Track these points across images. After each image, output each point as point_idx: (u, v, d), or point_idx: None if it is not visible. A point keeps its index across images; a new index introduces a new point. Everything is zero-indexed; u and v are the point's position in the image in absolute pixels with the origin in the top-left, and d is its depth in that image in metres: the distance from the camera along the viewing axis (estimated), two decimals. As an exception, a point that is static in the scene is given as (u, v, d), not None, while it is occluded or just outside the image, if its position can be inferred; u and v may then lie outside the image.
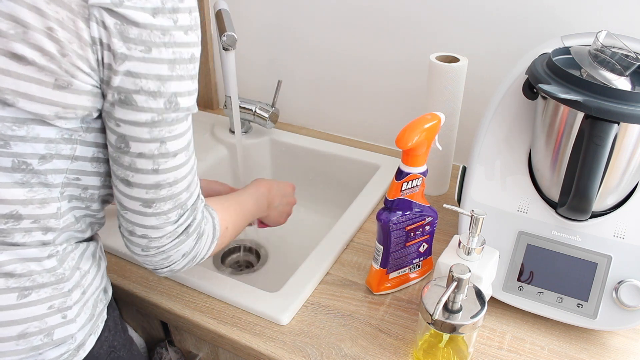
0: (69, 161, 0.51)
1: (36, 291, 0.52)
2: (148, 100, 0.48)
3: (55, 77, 0.45)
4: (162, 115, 0.49)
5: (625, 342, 0.66)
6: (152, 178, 0.52)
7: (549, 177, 0.67)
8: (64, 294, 0.54)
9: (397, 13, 0.97)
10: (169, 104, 0.49)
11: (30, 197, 0.50)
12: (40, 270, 0.52)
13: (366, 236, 0.86)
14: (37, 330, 0.52)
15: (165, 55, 0.48)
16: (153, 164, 0.51)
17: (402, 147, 0.63)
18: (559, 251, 0.67)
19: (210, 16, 1.17)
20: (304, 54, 1.11)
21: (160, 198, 0.53)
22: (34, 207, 0.50)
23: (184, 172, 0.54)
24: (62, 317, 0.54)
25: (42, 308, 0.52)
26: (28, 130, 0.47)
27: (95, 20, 0.45)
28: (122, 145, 0.50)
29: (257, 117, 1.07)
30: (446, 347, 0.62)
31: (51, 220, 0.52)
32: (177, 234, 0.55)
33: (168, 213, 0.54)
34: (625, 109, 0.55)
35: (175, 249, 0.56)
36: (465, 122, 0.99)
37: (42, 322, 0.53)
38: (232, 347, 0.69)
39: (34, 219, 0.51)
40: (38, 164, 0.49)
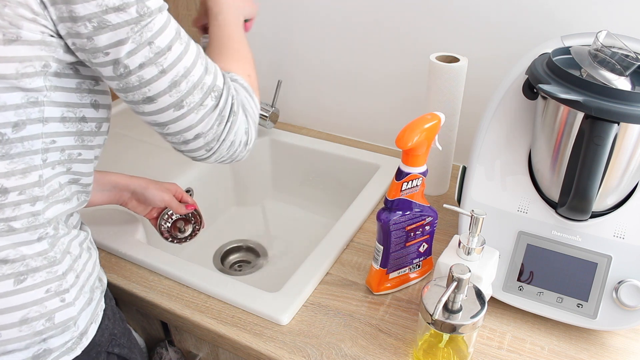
0: (41, 124, 0.50)
1: (31, 275, 0.52)
2: (119, 14, 0.47)
3: (2, 31, 0.44)
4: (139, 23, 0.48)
5: (625, 342, 0.66)
6: (165, 79, 0.51)
7: (549, 177, 0.68)
8: (59, 277, 0.54)
9: (398, 13, 0.97)
10: (140, 10, 0.48)
11: (12, 168, 0.49)
12: (32, 254, 0.52)
13: (366, 236, 0.86)
14: (38, 315, 0.53)
15: None
16: (156, 66, 0.50)
17: (402, 147, 0.63)
18: (559, 251, 0.67)
19: (210, 16, 1.17)
20: (304, 54, 1.11)
21: (186, 92, 0.52)
22: (16, 178, 0.50)
23: (191, 58, 0.53)
24: (61, 301, 0.54)
25: (40, 292, 0.53)
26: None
27: None
28: (122, 69, 0.49)
29: (257, 117, 1.07)
30: (446, 347, 0.62)
31: (35, 188, 0.51)
32: (225, 116, 0.55)
33: (203, 102, 0.53)
34: (625, 109, 0.55)
35: (233, 132, 0.56)
36: (465, 122, 0.99)
37: (42, 307, 0.53)
38: (232, 347, 0.69)
39: (19, 191, 0.50)
40: (12, 132, 0.48)
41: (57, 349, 0.55)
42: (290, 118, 1.22)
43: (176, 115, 0.53)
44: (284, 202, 1.17)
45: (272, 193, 1.19)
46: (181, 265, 0.77)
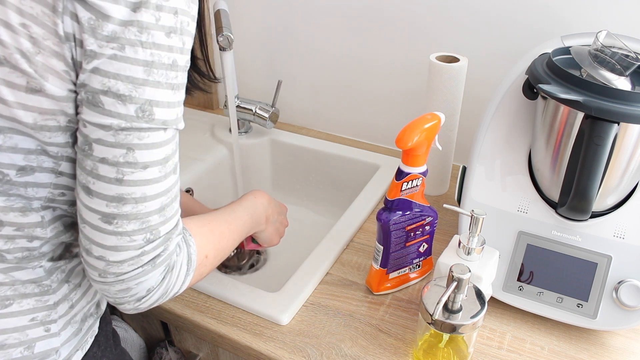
0: (54, 175, 0.48)
1: (18, 302, 0.50)
2: (116, 104, 0.42)
3: (27, 79, 0.42)
4: (131, 123, 0.43)
5: (625, 342, 0.66)
6: (114, 189, 0.45)
7: (549, 177, 0.67)
8: (49, 306, 0.51)
9: (397, 13, 0.97)
10: (141, 112, 0.43)
11: (9, 205, 0.47)
12: (25, 280, 0.50)
13: (366, 236, 0.86)
14: (16, 342, 0.50)
15: (142, 56, 0.42)
16: (117, 172, 0.44)
17: (402, 147, 0.63)
18: (559, 251, 0.67)
19: (210, 16, 1.17)
20: (304, 54, 1.11)
21: (123, 214, 0.45)
22: (15, 214, 0.47)
23: (156, 190, 0.46)
24: (45, 330, 0.52)
25: (24, 320, 0.50)
26: (4, 139, 0.44)
27: (69, 14, 0.41)
28: (86, 147, 0.44)
29: (257, 117, 1.07)
30: (446, 347, 0.62)
31: (37, 229, 0.49)
32: (142, 262, 0.47)
33: (132, 235, 0.46)
34: (625, 109, 0.55)
35: (136, 280, 0.47)
36: (465, 122, 0.99)
37: (23, 334, 0.50)
38: (232, 347, 0.69)
39: (16, 227, 0.48)
40: (16, 176, 0.46)
41: None
42: (290, 118, 1.22)
43: (98, 225, 0.46)
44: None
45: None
46: (181, 265, 0.77)
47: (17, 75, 0.42)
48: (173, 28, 0.44)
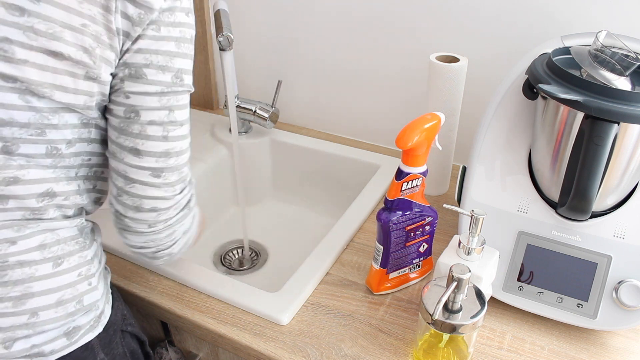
0: (86, 144, 0.55)
1: (67, 259, 0.55)
2: (157, 73, 0.52)
3: (87, 69, 0.49)
4: (170, 87, 0.53)
5: (625, 342, 0.66)
6: (162, 145, 0.54)
7: (549, 177, 0.68)
8: (88, 261, 0.57)
9: (398, 13, 0.97)
10: (175, 78, 0.53)
11: (58, 174, 0.54)
12: (67, 237, 0.55)
13: (366, 236, 0.86)
14: (71, 297, 0.56)
15: (173, 34, 0.52)
16: (163, 130, 0.54)
17: (402, 147, 0.63)
18: (559, 251, 0.67)
19: (210, 16, 1.17)
20: (304, 54, 1.11)
21: (169, 167, 0.56)
22: (63, 184, 0.54)
23: (187, 144, 0.57)
24: (88, 285, 0.57)
25: (73, 275, 0.56)
26: (59, 118, 0.51)
27: (120, 13, 0.49)
28: (132, 114, 0.53)
29: (257, 117, 1.07)
30: (446, 347, 0.62)
31: (77, 196, 0.56)
32: (182, 206, 0.59)
33: (174, 185, 0.57)
34: (625, 109, 0.55)
35: (179, 223, 0.59)
36: (465, 122, 0.99)
37: (74, 289, 0.56)
38: (232, 347, 0.69)
39: (65, 196, 0.55)
40: (65, 149, 0.53)
41: (84, 326, 0.58)
42: (290, 118, 1.22)
43: (149, 181, 0.55)
44: (284, 202, 1.17)
45: (272, 193, 1.19)
46: (181, 265, 0.77)
47: (79, 67, 0.49)
48: (189, 8, 0.54)
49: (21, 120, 0.49)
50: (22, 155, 0.51)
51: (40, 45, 0.47)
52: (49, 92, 0.49)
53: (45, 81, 0.48)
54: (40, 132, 0.51)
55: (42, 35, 0.47)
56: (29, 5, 0.46)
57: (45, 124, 0.51)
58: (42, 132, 0.51)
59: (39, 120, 0.50)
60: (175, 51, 0.53)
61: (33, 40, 0.47)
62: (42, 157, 0.52)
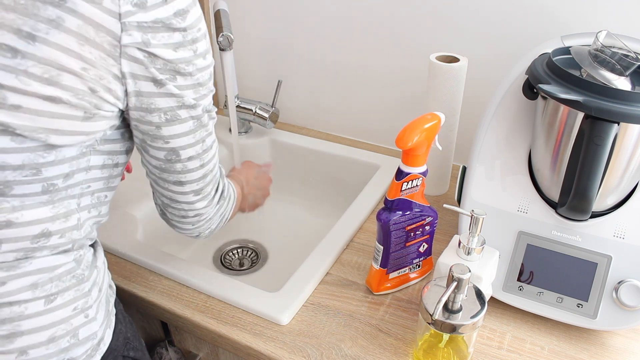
0: (85, 172, 0.53)
1: (61, 295, 0.53)
2: (189, 111, 0.54)
3: (84, 111, 0.48)
4: (200, 120, 0.55)
5: (625, 342, 0.66)
6: (200, 172, 0.59)
7: (549, 177, 0.68)
8: (85, 294, 0.55)
9: (398, 13, 0.97)
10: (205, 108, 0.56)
11: (55, 212, 0.51)
12: (62, 273, 0.53)
13: (366, 236, 0.86)
14: (64, 333, 0.54)
15: (190, 82, 0.52)
16: (200, 160, 0.58)
17: (402, 147, 0.63)
18: (559, 251, 0.67)
19: (210, 16, 1.17)
20: (304, 54, 1.11)
21: (207, 184, 0.61)
22: (60, 221, 0.52)
23: (217, 155, 0.62)
24: (85, 317, 0.56)
25: (67, 311, 0.54)
26: (56, 154, 0.49)
27: (127, 57, 0.47)
28: (174, 156, 0.56)
29: (257, 117, 1.07)
30: (446, 347, 0.62)
31: (74, 232, 0.54)
32: (217, 200, 0.64)
33: (211, 192, 0.63)
34: (625, 109, 0.55)
35: (218, 214, 0.66)
36: (465, 122, 0.99)
37: (68, 324, 0.54)
38: (232, 347, 0.69)
39: (60, 234, 0.52)
40: (62, 182, 0.51)
41: (78, 358, 0.56)
42: (290, 118, 1.22)
43: (192, 199, 0.61)
44: (284, 202, 1.17)
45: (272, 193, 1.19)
46: (181, 265, 0.77)
47: (76, 110, 0.47)
48: (207, 50, 0.54)
49: (14, 163, 0.46)
50: (15, 196, 0.48)
51: (35, 90, 0.44)
52: (44, 137, 0.46)
53: (40, 126, 0.46)
54: (36, 171, 0.48)
55: (37, 80, 0.44)
56: (23, 46, 0.43)
57: (41, 163, 0.48)
58: (38, 172, 0.48)
59: (34, 160, 0.47)
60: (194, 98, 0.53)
61: (27, 85, 0.44)
62: (38, 195, 0.49)
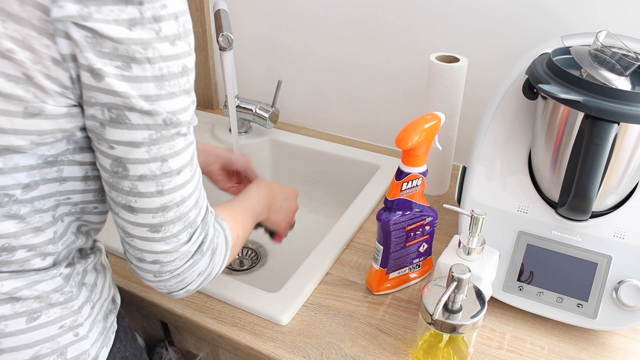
0: (57, 184, 0.47)
1: (45, 312, 0.50)
2: (143, 117, 0.43)
3: (24, 105, 0.41)
4: (161, 132, 0.44)
5: (625, 342, 0.66)
6: (158, 200, 0.46)
7: (549, 177, 0.68)
8: (74, 312, 0.52)
9: (398, 13, 0.97)
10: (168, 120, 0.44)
11: (21, 227, 0.47)
12: (48, 291, 0.50)
13: (366, 236, 0.86)
14: (49, 352, 0.51)
15: (150, 73, 0.42)
16: (156, 185, 0.46)
17: (402, 147, 0.63)
18: (559, 251, 0.67)
19: (210, 16, 1.17)
20: (304, 54, 1.11)
21: (169, 220, 0.48)
22: (27, 237, 0.47)
23: (191, 188, 0.49)
24: (74, 335, 0.52)
25: (53, 329, 0.51)
26: (5, 161, 0.43)
27: (63, 35, 0.39)
28: (120, 169, 0.45)
29: (257, 117, 1.07)
30: (446, 347, 0.62)
31: (49, 246, 0.49)
32: (191, 253, 0.51)
33: (178, 235, 0.49)
34: (625, 109, 0.55)
35: (190, 270, 0.52)
36: (465, 122, 0.99)
37: (54, 343, 0.51)
38: (232, 347, 0.69)
39: (28, 248, 0.48)
40: (22, 194, 0.45)
41: None
42: (290, 118, 1.22)
43: (147, 236, 0.48)
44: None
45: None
46: (181, 265, 0.77)
47: (13, 103, 0.40)
48: (177, 35, 0.42)
49: None
50: None
51: None
52: None
53: None
54: None
55: None
56: None
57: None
58: None
59: None
60: (156, 94, 0.42)
61: None
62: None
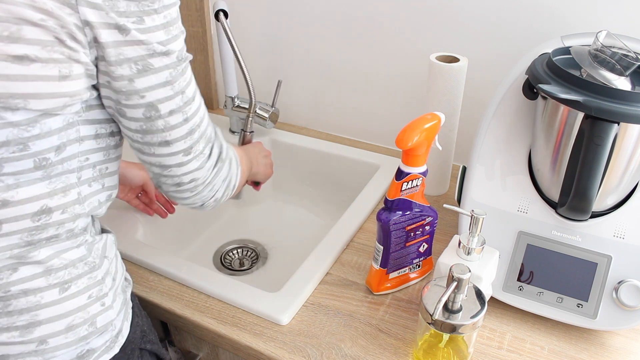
0: (78, 144, 0.52)
1: (75, 283, 0.54)
2: (162, 59, 0.50)
3: (59, 67, 0.45)
4: (176, 68, 0.52)
5: (625, 342, 0.66)
6: (186, 127, 0.55)
7: (549, 177, 0.68)
8: (98, 281, 0.56)
9: (398, 13, 0.97)
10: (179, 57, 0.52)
11: (53, 187, 0.51)
12: (74, 260, 0.54)
13: (366, 236, 0.86)
14: (82, 321, 0.54)
15: (159, 21, 0.49)
16: (182, 114, 0.54)
17: (402, 147, 0.63)
18: (559, 251, 0.67)
19: (210, 16, 1.17)
20: (304, 53, 1.11)
21: (195, 141, 0.57)
22: (59, 197, 0.51)
23: (203, 109, 0.58)
24: (101, 305, 0.56)
25: (83, 299, 0.54)
26: (41, 127, 0.47)
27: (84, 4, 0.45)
28: (153, 112, 0.52)
29: (257, 117, 1.07)
30: (446, 347, 0.62)
31: (76, 206, 0.53)
32: (214, 163, 0.61)
33: (203, 151, 0.59)
34: (625, 109, 0.55)
35: (217, 177, 0.62)
36: (465, 122, 0.99)
37: (85, 312, 0.54)
38: (232, 347, 0.69)
39: (62, 209, 0.52)
40: (55, 156, 0.50)
41: (98, 349, 0.57)
42: (290, 118, 1.22)
43: (182, 161, 0.57)
44: (284, 202, 1.17)
45: (272, 193, 1.19)
46: (181, 265, 0.77)
47: (50, 68, 0.45)
48: None
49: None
50: (8, 174, 0.47)
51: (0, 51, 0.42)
52: (22, 103, 0.45)
53: (15, 92, 0.44)
54: (23, 147, 0.47)
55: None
56: None
57: (27, 137, 0.47)
58: (25, 147, 0.47)
59: (19, 135, 0.46)
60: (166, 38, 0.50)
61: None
62: (31, 171, 0.48)
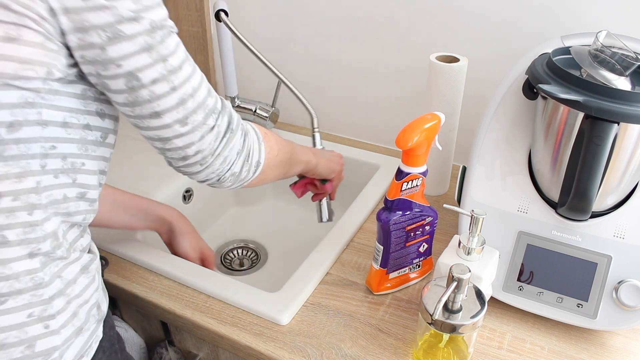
0: (40, 127, 0.48)
1: (13, 297, 0.48)
2: (133, 25, 0.47)
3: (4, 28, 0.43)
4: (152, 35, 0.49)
5: (625, 342, 0.66)
6: (174, 97, 0.52)
7: (549, 177, 0.68)
8: (44, 301, 0.50)
9: (398, 13, 0.97)
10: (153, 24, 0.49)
11: (6, 171, 0.47)
12: (20, 272, 0.49)
13: (366, 236, 0.86)
14: (17, 341, 0.49)
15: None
16: (168, 83, 0.51)
17: (402, 147, 0.63)
18: (559, 251, 0.67)
19: (210, 16, 1.17)
20: (304, 54, 1.11)
21: (191, 111, 0.54)
22: (10, 182, 0.47)
23: (197, 80, 0.55)
24: (44, 327, 0.50)
25: (21, 316, 0.49)
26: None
27: None
28: (134, 81, 0.50)
29: (257, 117, 1.07)
30: (446, 347, 0.62)
31: (31, 195, 0.48)
32: (222, 132, 0.58)
33: (205, 122, 0.56)
34: (625, 109, 0.55)
35: (227, 148, 0.58)
36: (465, 122, 0.99)
37: (22, 332, 0.49)
38: (232, 347, 0.69)
39: (13, 196, 0.47)
40: (7, 133, 0.46)
41: None
42: (290, 118, 1.22)
43: (180, 132, 0.55)
44: (284, 202, 1.17)
45: (272, 193, 1.19)
46: (181, 265, 0.77)
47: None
48: None
49: None
50: None
51: None
52: None
53: None
54: None
55: None
56: None
57: None
58: None
59: None
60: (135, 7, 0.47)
61: None
62: None
